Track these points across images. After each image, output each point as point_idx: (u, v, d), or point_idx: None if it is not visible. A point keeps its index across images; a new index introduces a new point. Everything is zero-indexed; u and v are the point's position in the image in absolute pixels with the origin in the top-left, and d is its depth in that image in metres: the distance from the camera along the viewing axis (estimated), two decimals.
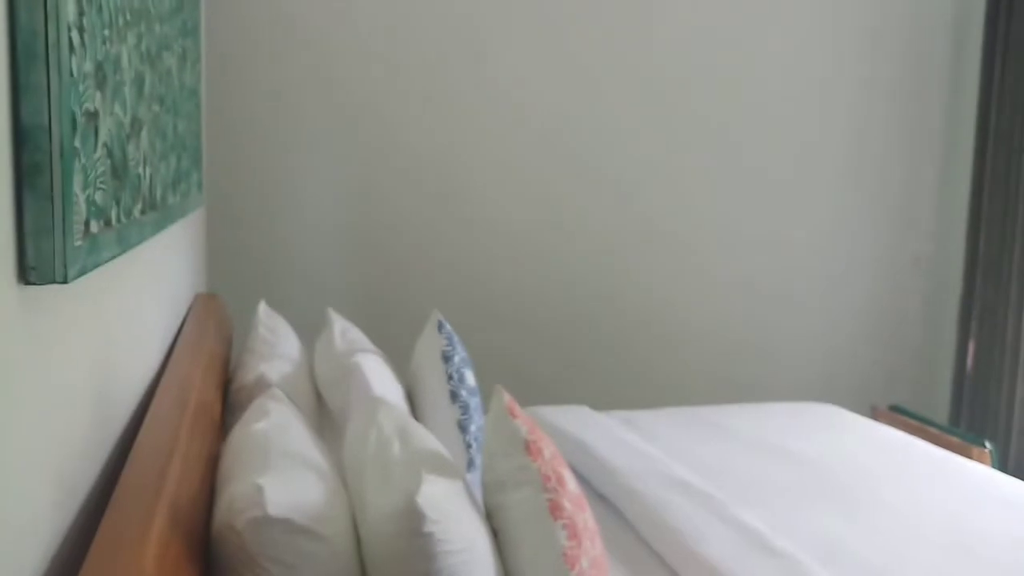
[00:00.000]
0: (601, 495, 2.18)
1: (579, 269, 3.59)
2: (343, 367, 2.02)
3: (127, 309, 1.48)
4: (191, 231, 2.59)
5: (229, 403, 1.88)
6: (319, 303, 2.70)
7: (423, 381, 2.12)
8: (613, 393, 3.48)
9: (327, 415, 2.04)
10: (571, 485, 1.38)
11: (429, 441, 1.41)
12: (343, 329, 2.25)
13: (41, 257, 0.86)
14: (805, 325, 3.85)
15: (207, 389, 1.73)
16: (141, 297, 1.64)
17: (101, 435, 1.24)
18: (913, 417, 3.24)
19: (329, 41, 3.30)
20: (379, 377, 1.99)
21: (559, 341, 3.58)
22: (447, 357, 2.06)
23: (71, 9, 0.94)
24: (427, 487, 1.17)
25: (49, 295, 0.95)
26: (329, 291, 3.33)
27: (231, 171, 3.23)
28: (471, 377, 2.08)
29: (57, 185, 0.87)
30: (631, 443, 2.41)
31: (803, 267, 3.83)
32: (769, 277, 3.79)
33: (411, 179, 3.42)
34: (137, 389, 1.56)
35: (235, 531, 1.11)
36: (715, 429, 2.70)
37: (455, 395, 2.01)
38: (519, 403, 1.45)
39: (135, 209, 1.36)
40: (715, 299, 3.74)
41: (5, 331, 0.83)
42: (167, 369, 1.75)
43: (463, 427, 1.97)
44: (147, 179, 1.50)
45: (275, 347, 2.10)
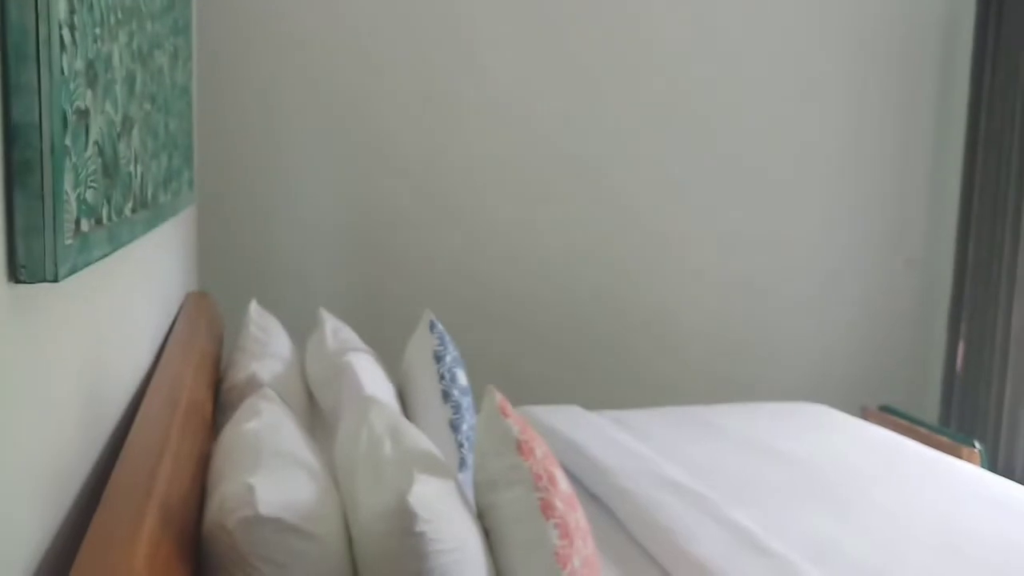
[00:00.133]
0: (593, 494, 2.19)
1: (570, 268, 3.59)
2: (335, 366, 2.02)
3: (118, 308, 1.47)
4: (182, 230, 2.59)
5: (220, 402, 1.88)
6: (310, 302, 2.70)
7: (415, 380, 2.12)
8: (606, 393, 3.48)
9: (318, 414, 2.03)
10: (563, 484, 1.38)
11: (421, 440, 1.41)
12: (335, 328, 2.24)
13: (31, 256, 0.86)
14: (796, 326, 3.87)
15: (198, 388, 1.73)
16: (132, 296, 1.63)
17: (92, 434, 1.24)
18: (903, 417, 3.25)
19: (321, 39, 3.29)
20: (371, 376, 1.98)
21: (551, 340, 3.58)
22: (439, 356, 2.06)
23: (62, 7, 0.93)
24: (419, 486, 1.17)
25: (39, 294, 0.94)
26: (320, 290, 3.32)
27: (222, 169, 3.22)
28: (463, 376, 2.08)
29: (48, 183, 0.87)
30: (623, 443, 2.42)
31: (795, 268, 3.84)
32: (761, 278, 3.80)
33: (402, 178, 3.42)
34: (128, 388, 1.56)
35: (226, 530, 1.11)
36: (706, 429, 2.71)
37: (447, 394, 2.01)
38: (511, 403, 1.45)
39: (126, 207, 1.36)
40: (706, 299, 3.75)
41: None
42: (158, 368, 1.75)
43: (455, 426, 1.97)
44: (138, 177, 1.49)
45: (266, 346, 2.10)
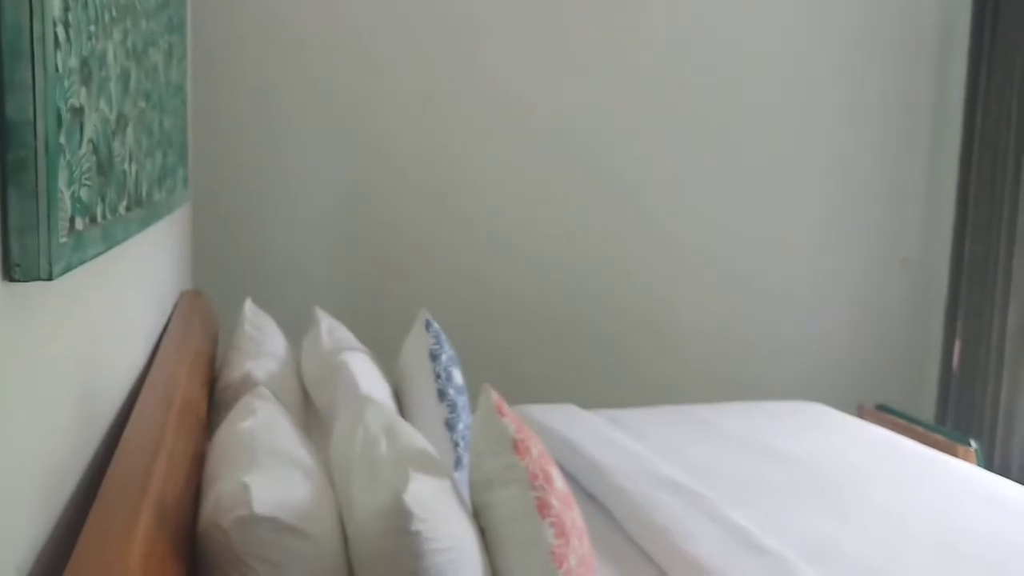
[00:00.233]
0: (589, 493, 2.18)
1: (567, 267, 3.59)
2: (330, 365, 2.01)
3: (112, 306, 1.47)
4: (177, 228, 2.58)
5: (215, 401, 1.88)
6: (306, 301, 2.69)
7: (410, 379, 2.12)
8: (602, 392, 3.48)
9: (314, 413, 2.03)
10: (559, 483, 1.38)
11: (416, 439, 1.41)
12: (330, 327, 2.24)
13: (26, 254, 0.86)
14: (793, 325, 3.87)
15: (193, 387, 1.72)
16: (127, 294, 1.63)
17: (87, 432, 1.23)
18: (900, 416, 3.25)
19: (316, 36, 3.28)
20: (366, 375, 1.98)
21: (547, 339, 3.58)
22: (435, 355, 2.06)
23: (56, 4, 0.93)
24: (414, 485, 1.17)
25: (34, 292, 0.94)
26: (316, 289, 3.32)
27: (217, 167, 3.21)
28: (459, 375, 2.08)
29: (42, 182, 0.86)
30: (619, 441, 2.41)
31: (791, 268, 3.85)
32: (757, 277, 3.80)
33: (398, 176, 3.41)
34: (123, 386, 1.55)
35: (221, 529, 1.11)
36: (702, 428, 2.71)
37: (443, 393, 2.00)
38: (507, 401, 1.45)
39: (120, 206, 1.35)
40: (704, 298, 3.75)
41: None
42: (153, 366, 1.74)
43: (450, 425, 1.97)
44: (133, 175, 1.49)
45: (261, 345, 2.09)
